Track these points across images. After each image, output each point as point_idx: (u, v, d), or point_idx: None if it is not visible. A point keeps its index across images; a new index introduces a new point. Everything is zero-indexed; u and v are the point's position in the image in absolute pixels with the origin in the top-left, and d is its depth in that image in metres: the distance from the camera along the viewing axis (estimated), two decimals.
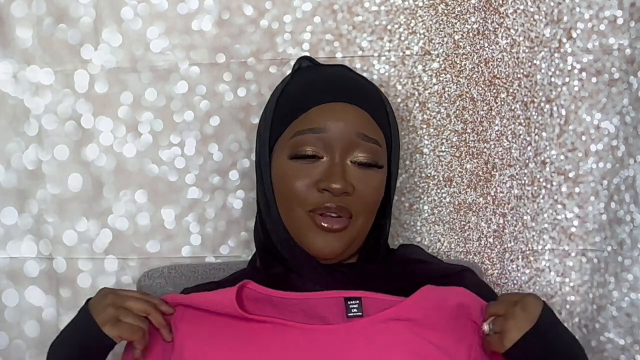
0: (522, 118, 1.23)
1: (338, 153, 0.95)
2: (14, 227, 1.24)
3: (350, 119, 0.96)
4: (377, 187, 0.98)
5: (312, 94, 0.98)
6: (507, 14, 1.21)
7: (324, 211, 0.95)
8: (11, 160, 1.23)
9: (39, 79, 1.22)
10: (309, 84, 1.00)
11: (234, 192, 1.25)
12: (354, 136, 0.95)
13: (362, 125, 0.96)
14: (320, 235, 0.96)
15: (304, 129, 0.96)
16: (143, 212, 1.24)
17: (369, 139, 0.96)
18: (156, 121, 1.23)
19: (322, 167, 0.95)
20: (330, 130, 0.95)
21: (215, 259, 1.26)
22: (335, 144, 0.95)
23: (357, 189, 0.95)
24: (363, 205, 0.97)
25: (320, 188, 0.95)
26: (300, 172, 0.96)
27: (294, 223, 0.97)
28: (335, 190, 0.94)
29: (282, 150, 0.98)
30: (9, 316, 1.25)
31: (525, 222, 1.25)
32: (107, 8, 1.20)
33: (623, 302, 1.19)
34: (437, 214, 1.26)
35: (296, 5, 1.21)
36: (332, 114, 0.96)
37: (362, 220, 0.98)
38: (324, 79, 1.01)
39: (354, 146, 0.96)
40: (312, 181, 0.95)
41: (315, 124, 0.96)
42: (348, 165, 0.96)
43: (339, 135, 0.95)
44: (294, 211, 0.97)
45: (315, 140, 0.95)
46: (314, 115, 0.96)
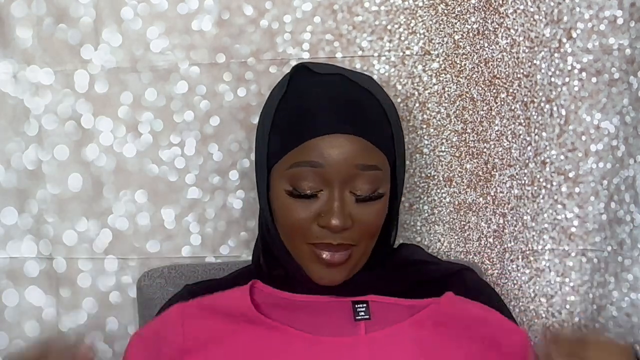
0: (522, 118, 1.23)
1: (337, 187, 0.92)
2: (14, 227, 1.24)
3: (348, 150, 0.92)
4: (378, 214, 0.96)
5: (308, 124, 0.94)
6: (507, 14, 1.21)
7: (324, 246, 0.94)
8: (11, 160, 1.23)
9: (39, 79, 1.21)
10: (305, 110, 0.95)
11: (234, 192, 1.25)
12: (353, 168, 0.92)
13: (360, 155, 0.93)
14: (322, 268, 0.94)
15: (300, 162, 0.93)
16: (143, 212, 1.24)
17: (368, 167, 0.93)
18: (156, 121, 1.23)
19: (321, 201, 0.93)
20: (328, 165, 0.92)
21: (215, 259, 1.26)
22: (334, 179, 0.92)
23: (357, 220, 0.93)
24: (364, 233, 0.95)
25: (320, 224, 0.93)
26: (299, 206, 0.93)
27: (295, 252, 0.96)
28: (335, 228, 0.91)
29: (280, 180, 0.95)
30: (9, 316, 1.25)
31: (525, 222, 1.25)
32: (107, 8, 1.20)
33: (623, 302, 1.19)
34: (437, 214, 1.27)
35: (296, 5, 1.21)
36: (329, 148, 0.92)
37: (364, 245, 0.96)
38: (320, 103, 0.95)
39: (353, 177, 0.93)
40: (311, 216, 0.93)
41: (312, 158, 0.92)
42: (347, 197, 0.93)
43: (337, 170, 0.92)
44: (295, 242, 0.96)
45: (313, 175, 0.92)
46: (311, 147, 0.92)
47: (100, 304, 1.26)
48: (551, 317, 1.26)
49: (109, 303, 1.26)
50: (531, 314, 1.26)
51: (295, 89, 0.98)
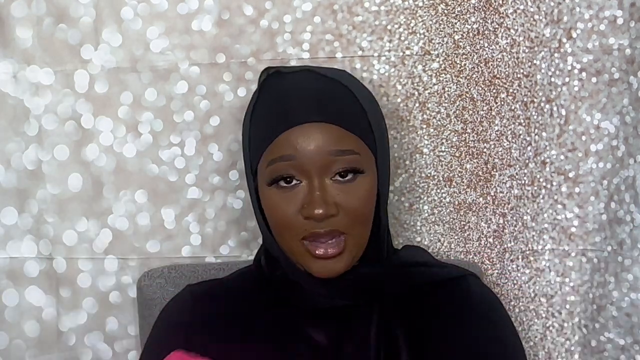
0: (522, 118, 1.23)
1: (315, 175, 0.91)
2: (14, 227, 1.24)
3: (320, 140, 0.91)
4: (363, 196, 0.94)
5: (276, 121, 0.94)
6: (507, 14, 1.21)
7: (314, 237, 0.92)
8: (11, 160, 1.23)
9: (39, 79, 1.22)
10: (273, 108, 0.95)
11: (234, 192, 1.25)
12: (327, 155, 0.91)
13: (333, 142, 0.92)
14: (318, 262, 0.93)
15: (275, 158, 0.92)
16: (143, 212, 1.25)
17: (343, 152, 0.92)
18: (156, 121, 1.23)
19: (302, 191, 0.92)
20: (301, 155, 0.91)
21: (215, 259, 1.26)
22: (310, 168, 0.91)
23: (342, 205, 0.92)
24: (353, 219, 0.93)
25: (304, 216, 0.92)
26: (283, 200, 0.93)
27: (289, 250, 0.96)
28: (318, 217, 0.90)
29: (262, 179, 0.95)
30: (9, 316, 1.25)
31: (525, 222, 1.25)
32: (107, 8, 1.20)
33: (623, 302, 1.19)
34: (437, 214, 1.27)
35: (296, 5, 1.21)
36: (300, 139, 0.91)
37: (357, 233, 0.94)
38: (287, 99, 0.95)
39: (329, 164, 0.91)
40: (296, 207, 0.92)
41: (284, 152, 0.92)
42: (328, 185, 0.92)
43: (311, 159, 0.91)
44: (286, 240, 0.95)
45: (288, 168, 0.92)
46: (282, 142, 0.92)
47: (100, 304, 1.26)
48: (551, 317, 1.26)
49: (109, 303, 1.26)
50: (531, 314, 1.26)
51: (266, 91, 0.98)
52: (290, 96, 0.95)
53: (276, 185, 0.93)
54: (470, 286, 1.01)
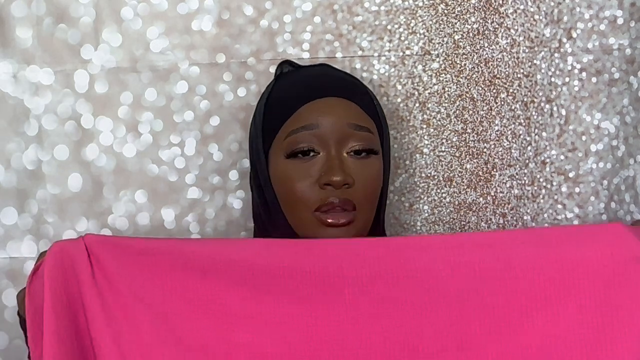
0: (522, 118, 1.23)
1: (333, 146, 0.96)
2: (14, 227, 1.24)
3: (341, 112, 0.98)
4: (375, 175, 0.99)
5: (299, 94, 0.99)
6: (507, 14, 1.21)
7: (328, 207, 0.95)
8: (11, 160, 1.23)
9: (39, 79, 1.21)
10: (295, 85, 1.02)
11: (234, 192, 1.25)
12: (346, 127, 0.97)
13: (352, 116, 0.98)
14: (328, 231, 0.96)
15: (296, 128, 0.97)
16: (143, 212, 1.24)
17: (361, 128, 0.98)
18: (156, 121, 1.23)
19: (320, 162, 0.96)
20: (323, 125, 0.97)
21: None
22: (330, 138, 0.96)
23: (356, 179, 0.96)
24: (365, 195, 0.97)
25: (322, 183, 0.95)
26: (300, 171, 0.96)
27: (301, 224, 0.98)
28: (337, 183, 0.94)
29: (278, 152, 0.99)
30: (9, 316, 1.25)
31: (525, 222, 1.25)
32: (107, 8, 1.20)
33: None
34: (437, 214, 1.26)
35: (296, 5, 1.21)
36: (322, 109, 0.97)
37: (365, 211, 0.98)
38: (309, 78, 1.03)
39: (347, 137, 0.97)
40: (313, 179, 0.96)
41: (306, 121, 0.97)
42: (345, 158, 0.97)
43: (331, 129, 0.97)
44: (299, 212, 0.97)
45: (310, 137, 0.96)
46: (305, 113, 0.98)
47: None
48: None
49: None
50: None
51: (283, 78, 1.05)
52: (311, 76, 1.03)
53: (294, 158, 0.97)
54: None
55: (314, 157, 0.97)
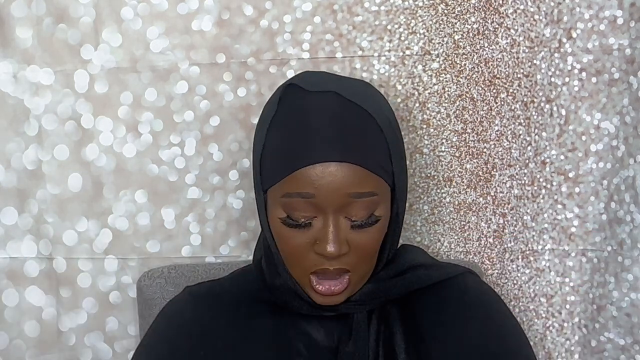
0: (522, 118, 1.23)
1: (330, 214, 0.89)
2: (14, 227, 1.24)
3: (341, 180, 0.88)
4: (374, 237, 0.93)
5: (297, 152, 0.89)
6: (507, 14, 1.21)
7: (323, 274, 0.92)
8: (11, 160, 1.23)
9: (39, 79, 1.22)
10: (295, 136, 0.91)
11: (234, 192, 1.25)
12: (346, 197, 0.89)
13: (354, 184, 0.89)
14: (320, 297, 0.93)
15: (292, 192, 0.89)
16: (143, 212, 1.25)
17: (363, 195, 0.89)
18: (156, 121, 1.23)
19: (316, 228, 0.90)
20: (320, 195, 0.88)
21: (215, 259, 1.26)
22: (327, 207, 0.89)
23: (353, 245, 0.91)
24: (361, 258, 0.93)
25: (316, 252, 0.91)
26: (295, 235, 0.91)
27: (295, 277, 0.95)
28: (330, 255, 0.89)
29: (275, 206, 0.92)
30: (9, 316, 1.25)
31: (525, 222, 1.25)
32: (107, 8, 1.20)
33: (623, 302, 1.19)
34: (437, 214, 1.27)
35: (296, 5, 1.21)
36: (320, 177, 0.88)
37: (362, 270, 0.94)
38: (310, 130, 0.89)
39: (346, 206, 0.89)
40: (308, 243, 0.91)
41: (303, 189, 0.89)
42: (342, 222, 0.90)
43: (329, 199, 0.89)
44: (295, 270, 0.94)
45: (306, 206, 0.89)
46: (302, 178, 0.88)
47: (100, 304, 1.26)
48: (551, 317, 1.26)
49: (109, 303, 1.26)
50: (531, 314, 1.26)
51: (284, 111, 0.93)
52: (314, 127, 0.90)
53: (289, 222, 0.91)
54: (467, 283, 1.01)
55: (310, 224, 0.91)
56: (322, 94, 0.92)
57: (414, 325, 0.96)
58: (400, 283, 0.98)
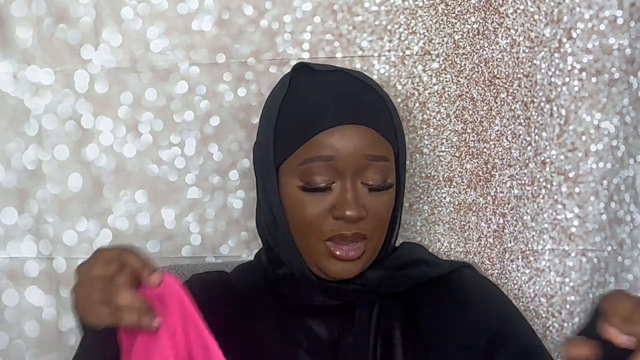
0: (522, 118, 1.23)
1: (349, 178, 0.93)
2: (14, 227, 1.24)
3: (359, 141, 0.93)
4: (388, 205, 0.97)
5: (317, 117, 0.94)
6: (507, 14, 1.21)
7: (340, 239, 0.93)
8: (11, 160, 1.23)
9: (39, 79, 1.22)
10: (312, 104, 0.96)
11: (234, 192, 1.25)
12: (364, 159, 0.93)
13: (370, 146, 0.94)
14: (338, 264, 0.94)
15: (312, 157, 0.93)
16: (143, 212, 1.25)
17: (378, 158, 0.94)
18: (156, 121, 1.23)
19: (334, 193, 0.93)
20: (340, 156, 0.92)
21: (215, 259, 1.26)
22: (346, 170, 0.93)
23: (369, 211, 0.94)
24: (376, 225, 0.95)
25: (335, 216, 0.93)
26: (313, 201, 0.93)
27: (309, 250, 0.96)
28: (350, 218, 0.92)
29: (291, 177, 0.95)
30: (9, 316, 1.25)
31: (525, 222, 1.25)
32: (107, 8, 1.20)
33: None
34: (437, 214, 1.27)
35: (296, 5, 1.21)
36: (340, 139, 0.93)
37: (376, 239, 0.96)
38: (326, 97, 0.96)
39: (364, 169, 0.93)
40: (326, 209, 0.93)
41: (323, 152, 0.93)
42: (359, 187, 0.94)
43: (348, 161, 0.93)
44: (309, 240, 0.95)
45: (326, 169, 0.93)
46: (321, 141, 0.93)
47: None
48: (551, 317, 1.26)
49: None
50: (531, 314, 1.26)
51: (297, 87, 0.98)
52: (327, 95, 0.96)
53: (309, 187, 0.93)
54: (462, 275, 1.03)
55: (329, 188, 0.94)
56: (331, 72, 1.00)
57: (413, 320, 0.98)
58: (404, 275, 1.00)
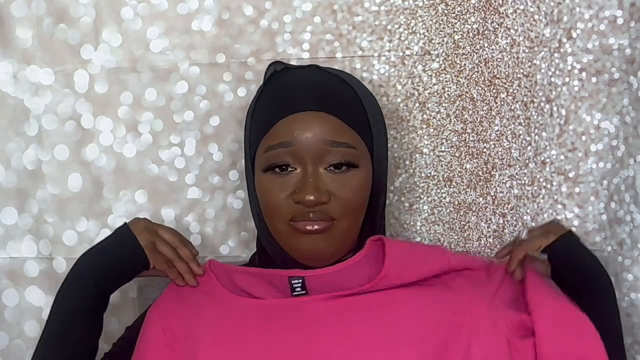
0: (522, 118, 1.23)
1: (310, 163, 0.94)
2: (14, 227, 1.24)
3: (317, 127, 0.94)
4: (356, 188, 0.96)
5: (277, 107, 0.96)
6: (507, 14, 1.21)
7: (302, 219, 0.95)
8: (11, 160, 1.23)
9: (39, 79, 1.22)
10: (275, 96, 0.98)
11: (234, 192, 1.25)
12: (323, 144, 0.94)
13: (330, 132, 0.94)
14: (304, 239, 0.95)
15: (272, 145, 0.95)
16: (143, 212, 1.24)
17: (339, 144, 0.95)
18: (156, 121, 1.23)
19: (295, 178, 0.95)
20: (298, 143, 0.94)
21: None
22: (305, 155, 0.94)
23: (335, 194, 0.94)
24: (344, 208, 0.95)
25: (295, 200, 0.94)
26: (275, 185, 0.95)
27: (277, 234, 0.98)
28: (308, 203, 0.93)
29: (259, 166, 0.97)
30: (9, 316, 1.25)
31: (525, 222, 1.25)
32: (107, 8, 1.21)
33: (623, 302, 1.19)
34: (437, 214, 1.27)
35: (296, 5, 1.22)
36: (298, 126, 0.94)
37: (346, 222, 0.96)
38: (290, 88, 0.98)
39: (324, 154, 0.94)
40: (287, 193, 0.95)
41: (282, 138, 0.94)
42: (322, 174, 0.95)
43: (307, 146, 0.94)
44: (275, 223, 0.97)
45: (285, 155, 0.94)
46: (281, 129, 0.95)
47: None
48: None
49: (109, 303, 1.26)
50: None
51: (270, 83, 1.02)
52: (292, 86, 0.98)
53: (271, 172, 0.95)
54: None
55: (291, 172, 0.95)
56: (303, 67, 1.04)
57: None
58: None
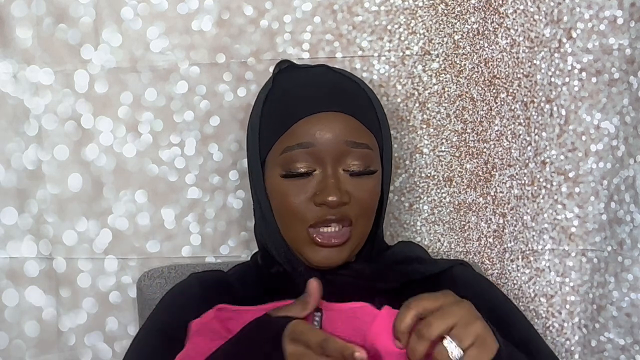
0: (522, 118, 1.23)
1: (330, 164, 0.94)
2: (14, 227, 1.24)
3: (337, 128, 0.94)
4: (372, 191, 0.97)
5: (296, 107, 0.96)
6: (507, 14, 1.21)
7: (324, 224, 0.94)
8: (11, 160, 1.23)
9: (39, 79, 1.22)
10: (292, 95, 0.98)
11: (234, 192, 1.25)
12: (343, 145, 0.94)
13: (350, 132, 0.94)
14: (321, 252, 0.95)
15: (292, 145, 0.94)
16: (143, 212, 1.24)
17: (358, 145, 0.95)
18: (156, 121, 1.23)
19: (315, 180, 0.94)
20: (319, 143, 0.93)
21: (215, 259, 1.26)
22: (326, 156, 0.94)
23: (353, 195, 0.94)
24: (361, 210, 0.96)
25: (317, 202, 0.93)
26: (295, 188, 0.94)
27: (293, 238, 0.97)
28: (332, 203, 0.92)
29: (274, 167, 0.96)
30: (9, 316, 1.25)
31: (525, 222, 1.25)
32: (107, 8, 1.20)
33: (623, 302, 1.19)
34: (437, 214, 1.27)
35: (296, 5, 1.21)
36: (318, 126, 0.94)
37: (362, 225, 0.97)
38: (306, 88, 0.98)
39: (344, 155, 0.94)
40: (308, 196, 0.94)
41: (302, 139, 0.94)
42: (341, 174, 0.95)
43: (328, 147, 0.93)
44: (293, 227, 0.96)
45: (305, 156, 0.94)
46: (300, 129, 0.94)
47: (100, 304, 1.26)
48: (551, 317, 1.26)
49: (109, 303, 1.26)
50: (531, 314, 1.26)
51: (281, 81, 1.01)
52: (308, 85, 0.98)
53: (289, 174, 0.94)
54: (454, 273, 1.03)
55: (310, 174, 0.95)
56: (313, 67, 1.04)
57: None
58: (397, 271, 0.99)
